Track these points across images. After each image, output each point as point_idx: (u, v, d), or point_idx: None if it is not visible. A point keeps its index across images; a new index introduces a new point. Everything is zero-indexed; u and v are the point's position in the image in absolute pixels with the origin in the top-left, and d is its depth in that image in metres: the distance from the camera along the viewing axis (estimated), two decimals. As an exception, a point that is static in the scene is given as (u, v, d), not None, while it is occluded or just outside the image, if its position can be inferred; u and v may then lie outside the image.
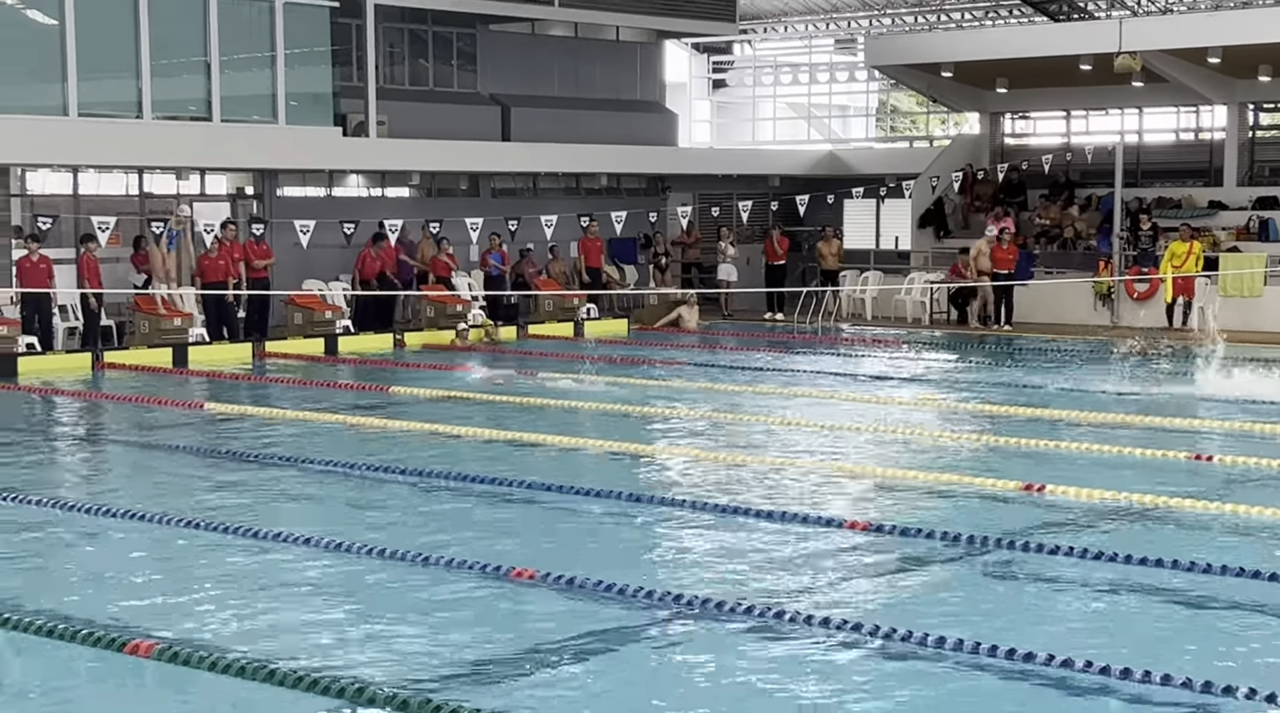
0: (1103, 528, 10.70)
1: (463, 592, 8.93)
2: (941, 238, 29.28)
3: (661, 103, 31.79)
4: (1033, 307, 25.86)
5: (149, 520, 10.64)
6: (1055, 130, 31.61)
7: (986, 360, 21.28)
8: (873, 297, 27.68)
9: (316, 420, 15.41)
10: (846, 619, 8.20)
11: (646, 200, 29.33)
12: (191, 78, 22.90)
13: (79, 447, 14.27)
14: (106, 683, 7.43)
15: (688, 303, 26.08)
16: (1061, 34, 29.13)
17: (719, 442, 14.47)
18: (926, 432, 14.79)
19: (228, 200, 24.77)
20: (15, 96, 20.93)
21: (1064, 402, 16.80)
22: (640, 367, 20.45)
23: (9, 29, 21.09)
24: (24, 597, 8.74)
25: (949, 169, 29.43)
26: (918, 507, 11.42)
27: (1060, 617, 8.60)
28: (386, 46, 26.94)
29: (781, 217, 29.39)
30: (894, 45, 31.09)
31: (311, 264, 24.10)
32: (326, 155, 24.40)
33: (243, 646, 7.79)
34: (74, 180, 22.66)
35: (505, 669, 7.56)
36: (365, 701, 6.92)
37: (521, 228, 25.21)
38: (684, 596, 8.72)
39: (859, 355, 22.09)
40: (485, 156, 27.00)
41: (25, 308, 20.41)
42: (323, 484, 12.33)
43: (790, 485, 12.14)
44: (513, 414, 15.89)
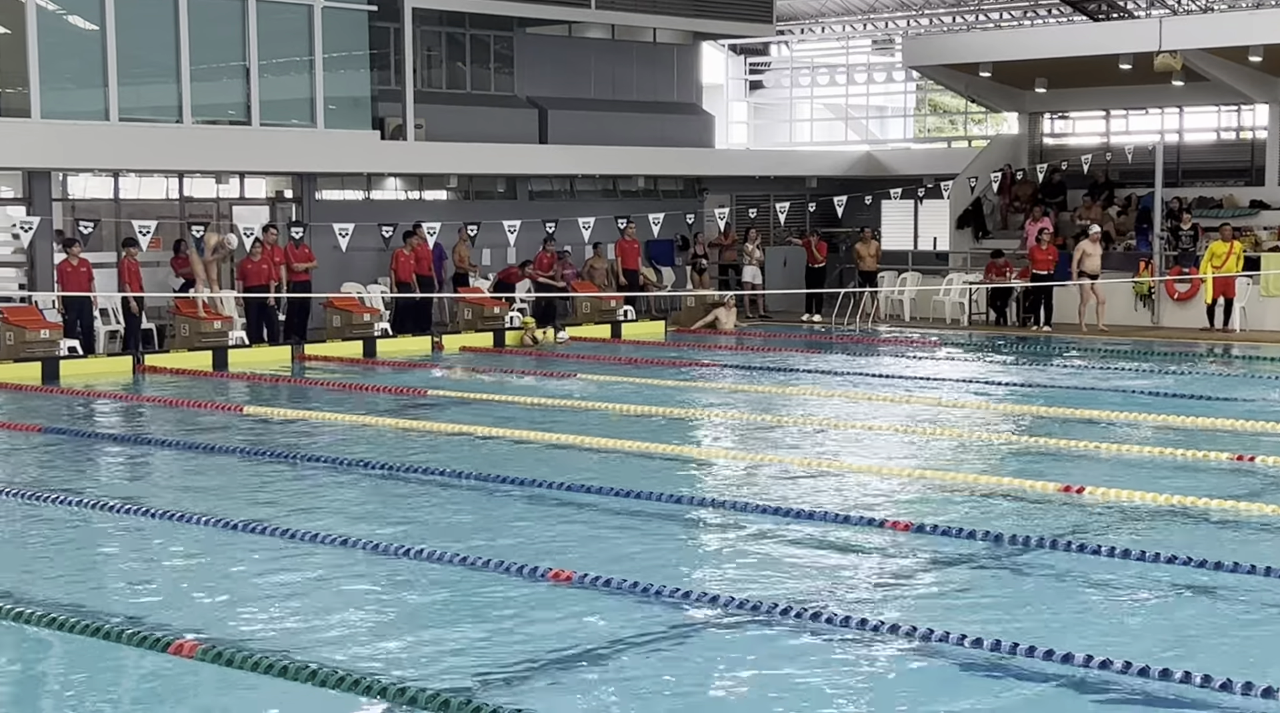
0: (1143, 529, 10.64)
1: (501, 593, 8.96)
2: (980, 238, 29.18)
3: (698, 104, 31.79)
4: (1073, 307, 25.72)
5: (191, 522, 10.72)
6: (1095, 130, 31.45)
7: (1025, 361, 21.19)
8: (911, 298, 27.60)
9: (356, 423, 15.47)
10: (885, 620, 8.18)
11: (683, 202, 29.35)
12: (231, 82, 23.07)
13: (120, 449, 14.38)
14: (150, 683, 7.49)
15: (725, 305, 26.07)
16: (1101, 33, 28.98)
17: (757, 443, 14.46)
18: (965, 432, 14.74)
19: (267, 204, 24.91)
20: (57, 101, 21.13)
21: (1103, 403, 16.71)
22: (678, 369, 20.45)
23: (51, 35, 21.27)
24: (68, 597, 8.81)
25: (987, 169, 29.33)
26: (958, 507, 11.38)
27: (1100, 618, 8.55)
28: (424, 50, 27.05)
29: (819, 218, 29.34)
30: (932, 45, 31.00)
31: (350, 267, 24.21)
32: (365, 159, 24.52)
33: (284, 646, 7.83)
34: (115, 184, 22.83)
35: (544, 670, 7.58)
36: (407, 701, 6.95)
37: (559, 230, 25.27)
38: (721, 597, 8.72)
39: (897, 357, 22.04)
40: (522, 159, 27.07)
41: (66, 311, 20.57)
42: (361, 486, 12.39)
43: (830, 486, 12.12)
44: (551, 416, 15.91)
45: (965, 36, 31.82)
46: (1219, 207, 27.93)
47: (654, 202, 28.80)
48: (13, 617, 8.30)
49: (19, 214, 21.21)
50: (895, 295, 27.82)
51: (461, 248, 25.07)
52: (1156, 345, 22.93)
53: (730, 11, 30.10)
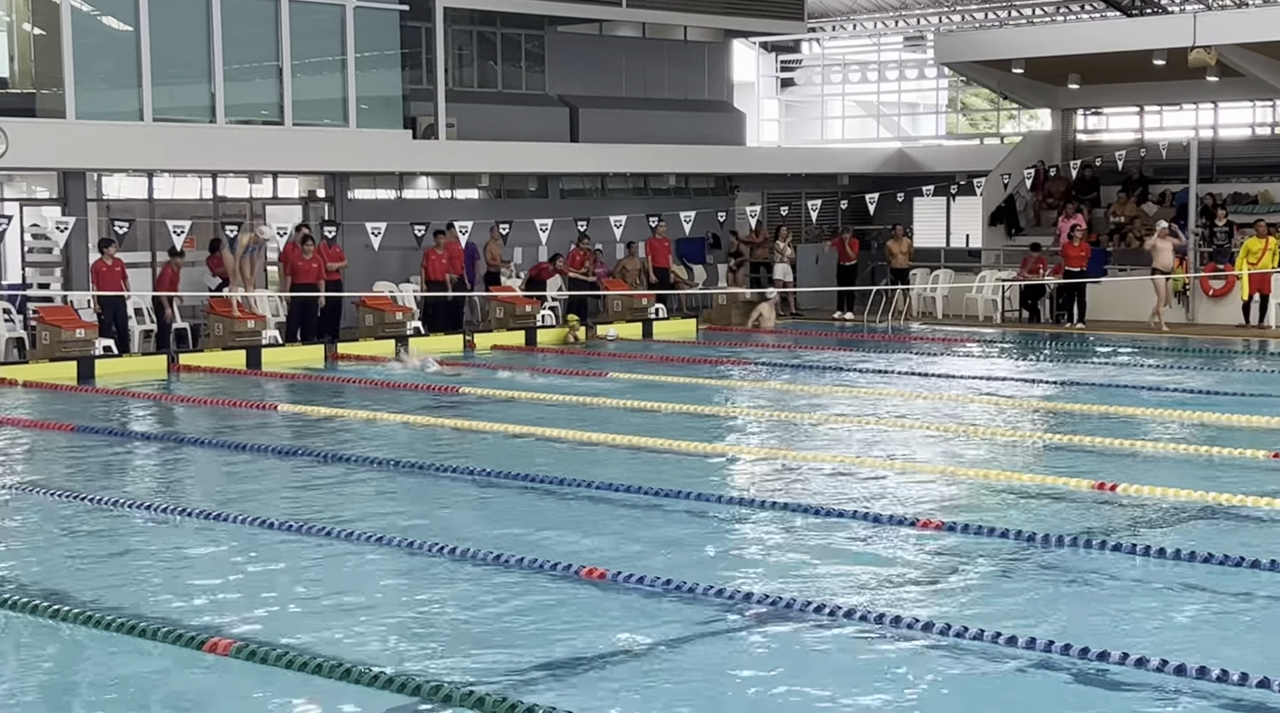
0: (1176, 527, 10.59)
1: (535, 591, 8.98)
2: (1013, 235, 29.06)
3: (729, 102, 31.77)
4: (1106, 304, 25.61)
5: (225, 520, 10.78)
6: (1128, 126, 31.28)
7: (1059, 359, 21.11)
8: (943, 295, 27.52)
9: (389, 421, 15.53)
10: (919, 618, 8.16)
11: (715, 200, 29.32)
12: (264, 82, 23.17)
13: (155, 448, 14.46)
14: (186, 680, 7.53)
15: (768, 301, 26.10)
16: (1134, 29, 28.82)
17: (789, 441, 14.44)
18: (997, 430, 14.69)
19: (299, 203, 25.01)
20: (92, 102, 21.25)
21: (1137, 400, 16.63)
22: (710, 367, 20.45)
23: (86, 36, 21.40)
24: (105, 595, 8.88)
25: (1020, 166, 29.20)
26: (990, 505, 11.35)
27: (1134, 616, 8.52)
28: (455, 49, 27.11)
29: (851, 215, 29.27)
30: (964, 42, 30.88)
31: (382, 266, 24.28)
32: (397, 158, 24.59)
33: (318, 644, 7.87)
34: (149, 185, 22.95)
35: (578, 668, 7.59)
36: (442, 698, 6.97)
37: (590, 228, 25.28)
38: (755, 594, 8.72)
39: (929, 354, 21.98)
40: (553, 157, 27.10)
41: (102, 311, 20.70)
42: (395, 484, 12.43)
43: (861, 484, 12.10)
44: (584, 414, 15.93)
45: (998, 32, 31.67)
46: (1254, 202, 27.74)
47: (685, 200, 28.79)
48: (49, 614, 8.37)
49: (54, 214, 21.36)
50: (928, 293, 27.73)
51: (493, 246, 25.11)
52: (1191, 342, 22.81)
53: (761, 9, 30.05)
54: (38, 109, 21.35)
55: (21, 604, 8.51)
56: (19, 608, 8.48)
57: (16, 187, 22.59)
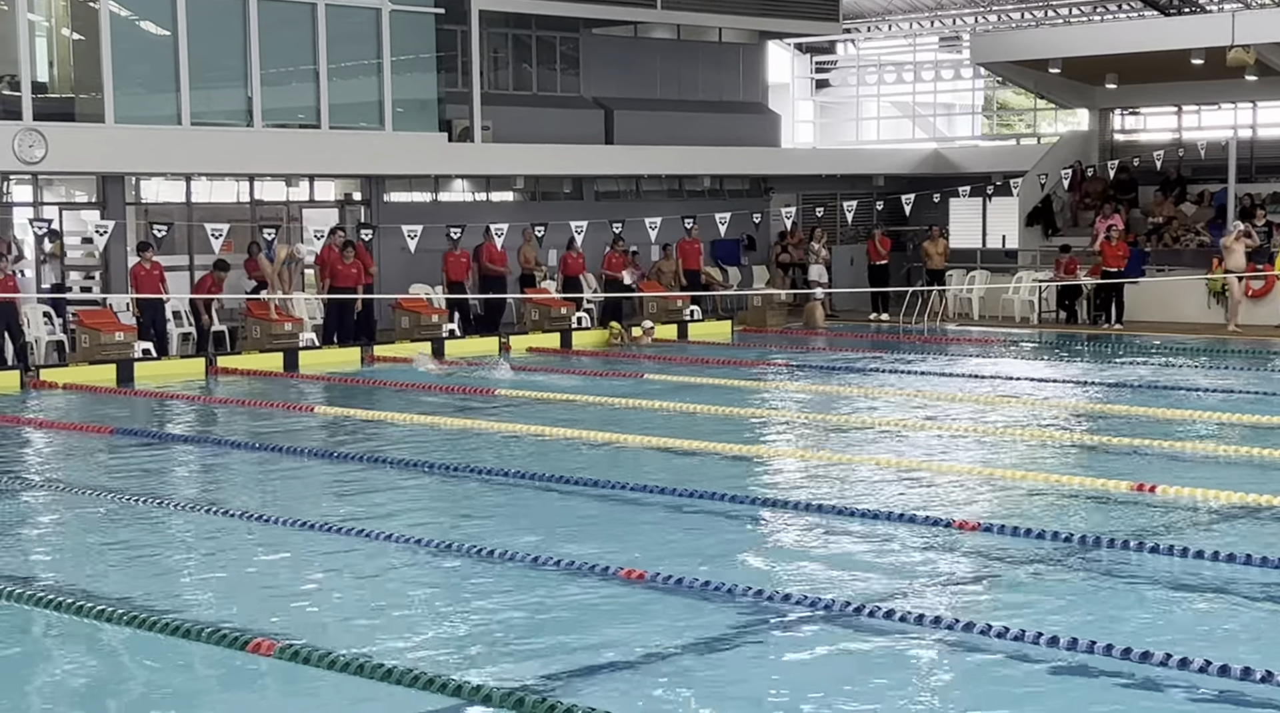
0: (1216, 529, 10.53)
1: (573, 592, 8.99)
2: (1050, 236, 28.93)
3: (764, 104, 31.73)
4: (1145, 305, 25.47)
5: (265, 522, 10.83)
6: (1166, 126, 31.11)
7: (1097, 359, 21.00)
8: (980, 296, 27.42)
9: (426, 423, 15.57)
10: (958, 619, 8.14)
11: (749, 202, 29.29)
12: (300, 86, 23.28)
13: (194, 450, 14.54)
14: (229, 681, 7.57)
15: (816, 300, 26.08)
16: (1172, 28, 28.65)
17: (825, 442, 14.42)
18: (1035, 431, 14.63)
19: (336, 206, 25.10)
20: (130, 107, 21.39)
21: (1176, 401, 16.54)
22: (744, 368, 20.43)
23: (124, 41, 21.53)
24: (147, 597, 8.93)
25: (1057, 166, 29.07)
26: (1027, 507, 11.31)
27: (1174, 617, 8.48)
28: (490, 52, 27.16)
29: (886, 216, 29.20)
30: (1000, 42, 30.77)
31: (418, 268, 24.34)
32: (432, 160, 24.66)
33: (358, 645, 7.90)
34: (187, 188, 23.08)
35: (618, 669, 7.60)
36: (481, 699, 6.99)
37: (625, 230, 25.28)
38: (793, 595, 8.71)
39: (965, 355, 21.90)
40: (588, 159, 27.12)
41: (140, 314, 20.82)
42: (432, 486, 12.47)
43: (898, 485, 12.07)
44: (620, 416, 15.94)
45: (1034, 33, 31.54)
46: (1293, 202, 27.56)
47: (720, 201, 28.77)
48: (93, 615, 8.42)
49: (93, 218, 21.51)
50: (964, 294, 27.64)
51: (527, 249, 25.13)
52: (1230, 343, 22.65)
53: (796, 10, 30.00)
54: (77, 114, 21.50)
55: (65, 605, 8.57)
56: (62, 609, 8.54)
57: (56, 190, 22.76)
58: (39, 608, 8.62)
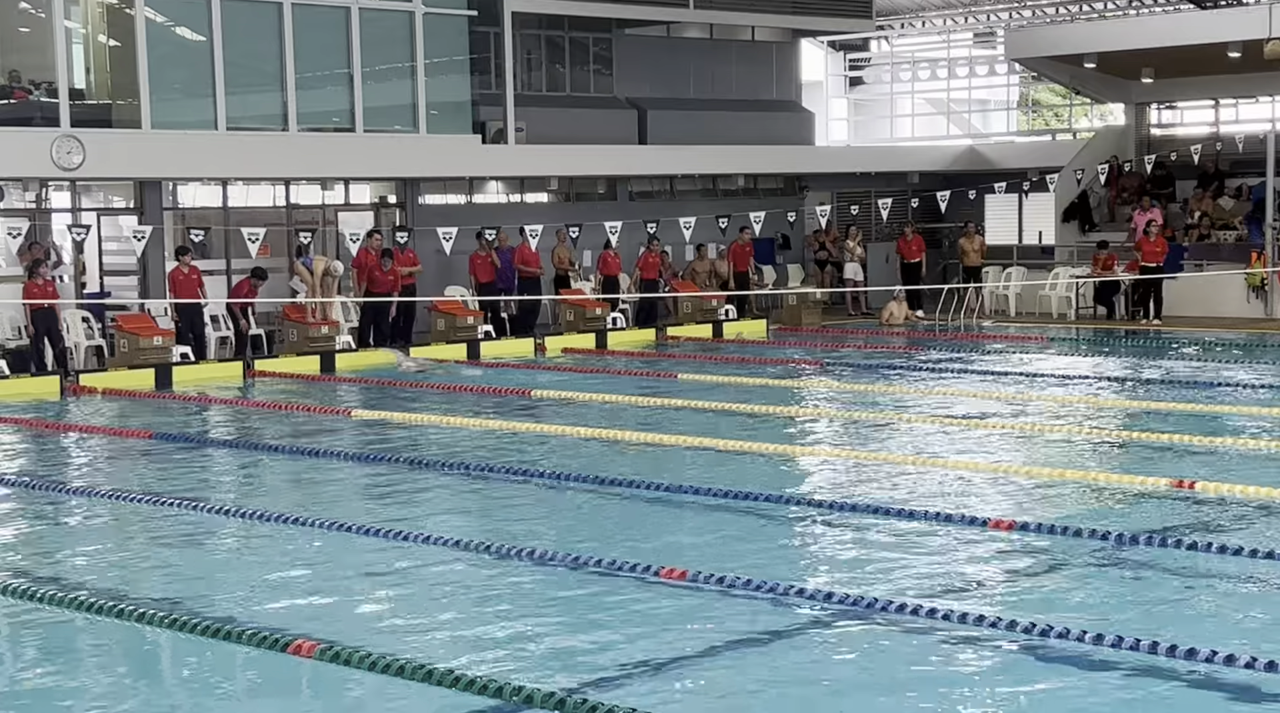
0: (1256, 525, 10.45)
1: (614, 592, 8.99)
2: (1086, 232, 28.78)
3: (798, 102, 31.66)
4: (1183, 300, 25.30)
5: (303, 524, 10.86)
6: (1203, 120, 30.89)
7: (1135, 356, 20.87)
8: (1016, 293, 27.30)
9: (462, 425, 15.60)
10: (1001, 617, 8.10)
11: (784, 200, 29.23)
12: (335, 90, 23.36)
13: (233, 453, 14.60)
14: (270, 683, 7.60)
15: (896, 299, 26.01)
16: (1208, 21, 28.45)
17: (861, 440, 14.38)
18: (1073, 428, 14.55)
19: (371, 209, 25.18)
20: (167, 112, 21.51)
21: (1215, 397, 16.43)
22: (781, 367, 20.39)
23: (160, 47, 21.65)
24: (188, 600, 8.97)
25: (1094, 162, 28.90)
26: (1065, 504, 11.25)
27: (1213, 614, 8.43)
28: (523, 53, 27.19)
29: (921, 213, 29.09)
30: (1035, 37, 30.60)
31: (453, 271, 24.39)
32: (466, 163, 24.71)
33: (398, 646, 7.91)
34: (223, 193, 23.20)
35: (660, 669, 7.59)
36: (523, 700, 6.99)
37: (660, 230, 25.27)
38: (835, 594, 8.69)
39: (1002, 352, 21.80)
40: (622, 160, 27.12)
41: (179, 318, 20.93)
42: (470, 487, 12.49)
43: (935, 484, 12.03)
44: (658, 416, 15.94)
45: (1069, 28, 31.37)
46: (1333, 195, 27.30)
47: (754, 200, 28.72)
48: (135, 618, 8.47)
49: (131, 223, 21.63)
50: (1000, 290, 27.53)
51: (561, 249, 25.16)
52: (1270, 337, 22.49)
53: (829, 8, 29.93)
54: (114, 119, 21.63)
55: (106, 609, 8.61)
56: (103, 612, 8.59)
57: (94, 196, 22.90)
58: (80, 612, 8.67)
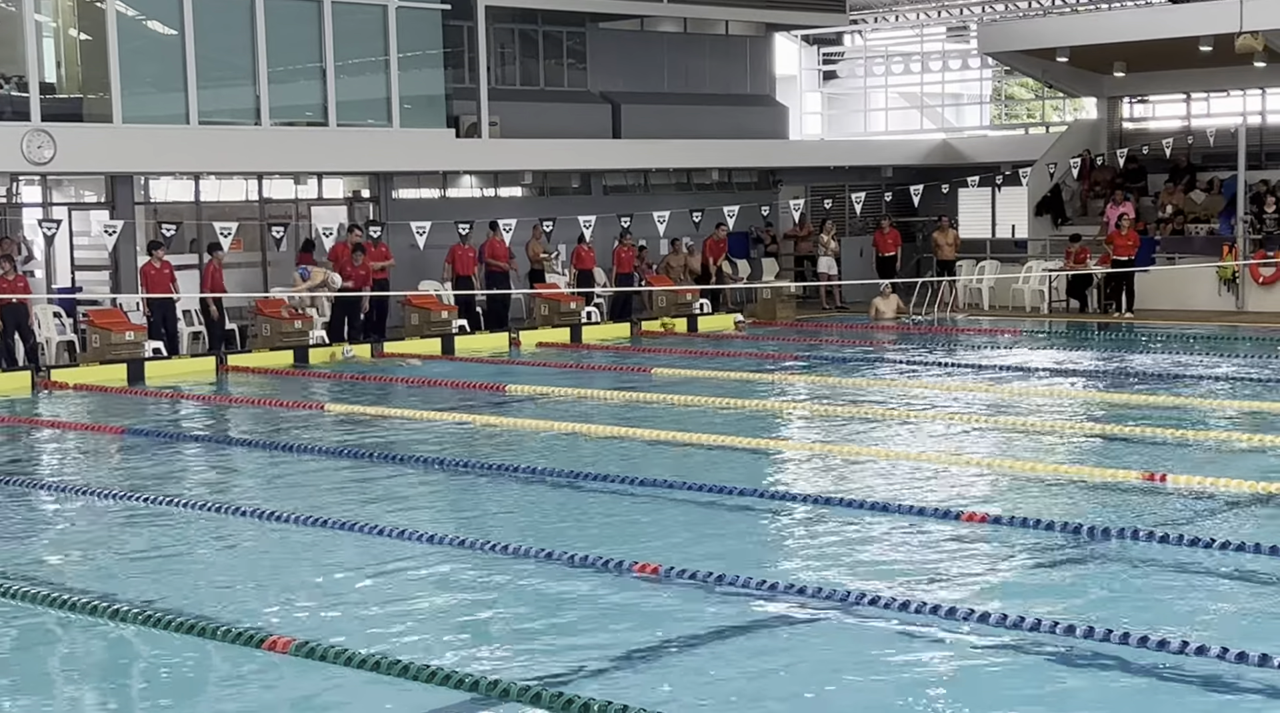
0: (1227, 517, 10.52)
1: (587, 587, 8.99)
2: (1059, 225, 28.89)
3: (772, 96, 31.70)
4: (1155, 293, 25.42)
5: (277, 519, 10.83)
6: (1175, 113, 31.02)
7: (1107, 349, 20.97)
8: (990, 286, 27.39)
9: (436, 419, 15.58)
10: (974, 609, 8.13)
11: (758, 194, 29.27)
12: (308, 84, 23.28)
13: (205, 448, 14.55)
14: (247, 679, 7.58)
15: (882, 294, 26.02)
16: (1180, 15, 28.54)
17: (833, 434, 14.41)
18: (1046, 421, 14.61)
19: (344, 204, 25.12)
20: (138, 106, 21.40)
21: (1187, 389, 16.51)
22: (755, 361, 20.41)
23: (131, 40, 21.53)
24: (162, 596, 8.95)
25: (1066, 155, 29.01)
26: (1037, 498, 11.30)
27: (1184, 605, 8.47)
28: (497, 47, 27.15)
29: (895, 207, 29.17)
30: (1007, 31, 30.68)
31: (427, 265, 24.35)
32: (440, 157, 24.66)
33: (375, 641, 7.90)
34: (195, 187, 23.10)
35: (634, 662, 7.61)
36: (499, 694, 6.99)
37: (634, 224, 25.27)
38: (807, 588, 8.71)
39: (976, 346, 21.87)
40: (596, 154, 27.10)
41: (151, 313, 20.85)
42: (444, 483, 12.48)
43: (907, 477, 12.06)
44: (631, 411, 15.95)
45: (1041, 21, 31.45)
46: (1303, 189, 27.47)
47: (728, 194, 28.74)
48: (109, 614, 8.44)
49: (103, 218, 21.53)
50: (974, 284, 27.62)
51: (535, 244, 25.14)
52: (1241, 330, 22.62)
53: (803, 2, 29.98)
54: (84, 114, 21.51)
55: (80, 605, 8.58)
56: (77, 608, 8.56)
57: (65, 191, 22.78)
58: (54, 608, 8.64)
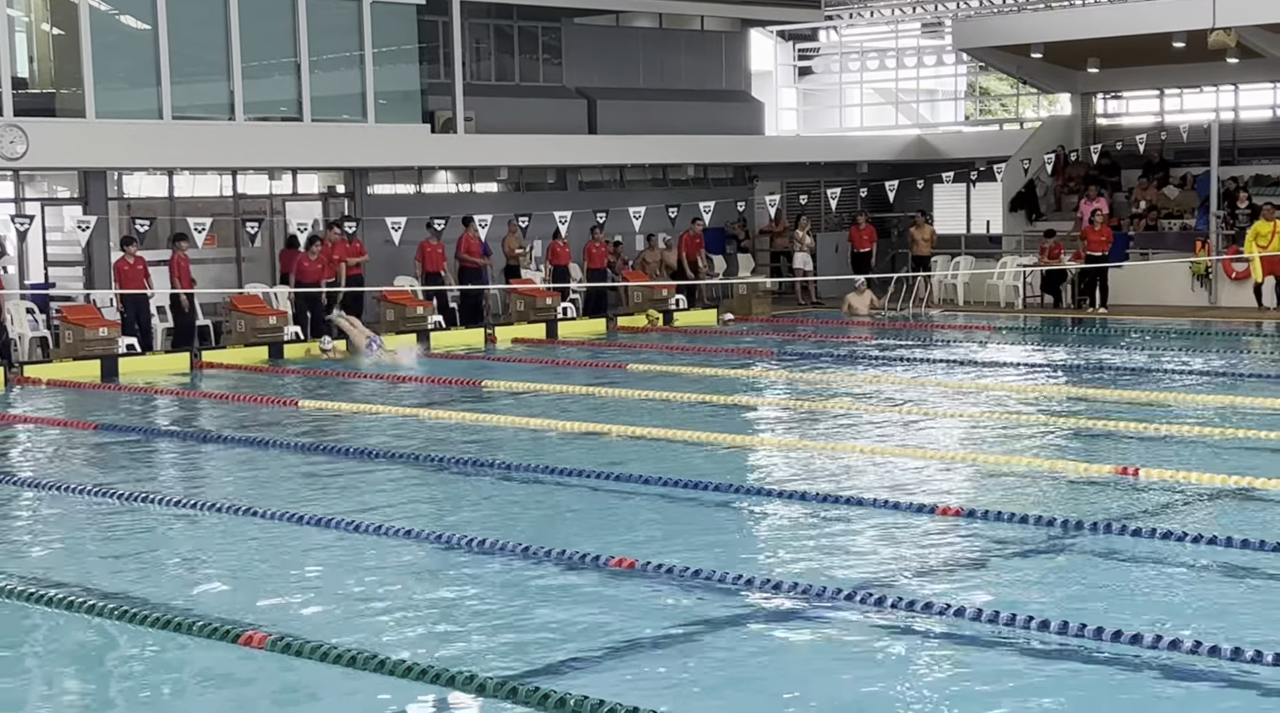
0: (1199, 511, 10.57)
1: (563, 582, 9.00)
2: (1034, 221, 28.98)
3: (747, 92, 31.72)
4: (1129, 288, 25.53)
5: (252, 515, 10.80)
6: (1148, 109, 31.15)
7: (1081, 344, 21.05)
8: (965, 282, 27.46)
9: (411, 415, 15.56)
10: (948, 603, 8.15)
11: (734, 190, 29.29)
12: (282, 79, 23.21)
13: (179, 444, 14.51)
14: (222, 674, 7.56)
15: (857, 291, 26.05)
16: (1154, 11, 28.64)
17: (809, 430, 14.44)
18: (1019, 416, 14.66)
19: (319, 199, 25.05)
20: (111, 101, 21.31)
21: (1160, 384, 16.59)
22: (731, 356, 20.43)
23: (104, 35, 21.45)
24: (137, 591, 8.92)
25: (1040, 151, 29.11)
26: (1010, 492, 11.34)
27: (1157, 599, 8.52)
28: (472, 42, 27.11)
29: (870, 203, 29.20)
30: (982, 27, 30.76)
31: (403, 261, 24.29)
32: (415, 152, 24.61)
33: (351, 636, 7.89)
34: (169, 183, 23.01)
35: (608, 656, 7.61)
36: (475, 688, 6.99)
37: (610, 220, 25.26)
38: (782, 583, 8.73)
39: (951, 341, 21.93)
40: (572, 150, 27.09)
41: (124, 309, 20.76)
42: (419, 478, 12.46)
43: (882, 473, 12.09)
44: (606, 406, 15.95)
45: (1016, 18, 31.52)
46: (1276, 184, 27.62)
47: (704, 190, 28.77)
48: (85, 609, 8.41)
49: (76, 213, 21.43)
50: (949, 280, 27.68)
51: (511, 239, 25.11)
52: (1214, 326, 22.73)
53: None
54: (57, 109, 21.41)
55: (56, 600, 8.55)
56: (53, 604, 8.53)
57: (38, 186, 22.67)
58: (29, 603, 8.61)
